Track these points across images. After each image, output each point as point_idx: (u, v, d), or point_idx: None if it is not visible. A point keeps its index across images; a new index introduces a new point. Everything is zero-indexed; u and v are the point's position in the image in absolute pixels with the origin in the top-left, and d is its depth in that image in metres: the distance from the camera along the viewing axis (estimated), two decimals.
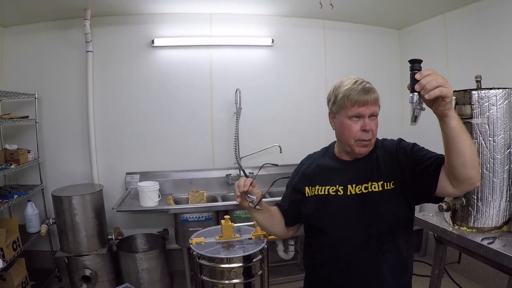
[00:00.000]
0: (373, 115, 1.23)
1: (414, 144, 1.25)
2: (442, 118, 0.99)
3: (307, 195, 1.34)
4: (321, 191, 1.30)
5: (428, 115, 1.04)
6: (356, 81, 1.23)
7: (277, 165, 1.52)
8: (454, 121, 0.99)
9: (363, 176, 1.25)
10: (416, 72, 0.96)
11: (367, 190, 1.23)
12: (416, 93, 0.96)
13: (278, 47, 3.49)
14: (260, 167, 1.42)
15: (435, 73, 0.94)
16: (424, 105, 0.97)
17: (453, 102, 1.26)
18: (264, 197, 1.33)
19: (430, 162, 1.14)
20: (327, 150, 1.42)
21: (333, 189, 1.28)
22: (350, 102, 1.21)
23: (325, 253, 1.30)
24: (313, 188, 1.33)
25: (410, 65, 0.99)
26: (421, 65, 0.98)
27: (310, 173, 1.37)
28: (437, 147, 1.21)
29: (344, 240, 1.25)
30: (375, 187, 1.22)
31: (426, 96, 0.93)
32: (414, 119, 0.98)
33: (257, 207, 1.30)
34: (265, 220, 1.40)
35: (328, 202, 1.28)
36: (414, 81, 0.96)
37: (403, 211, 1.24)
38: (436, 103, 0.96)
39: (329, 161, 1.36)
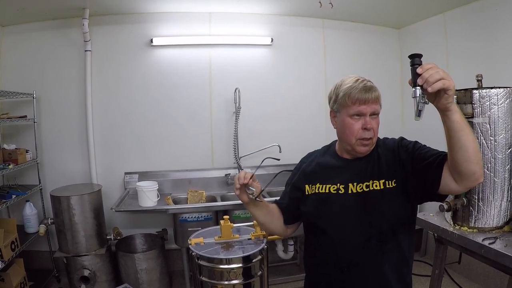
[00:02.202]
0: (374, 114, 1.22)
1: (416, 142, 1.24)
2: (444, 112, 0.98)
3: (307, 193, 1.33)
4: (321, 189, 1.29)
5: (429, 113, 1.03)
6: (357, 79, 1.23)
7: (279, 159, 1.50)
8: (457, 115, 0.98)
9: (364, 175, 1.24)
10: (417, 67, 0.95)
11: (368, 189, 1.22)
12: (418, 87, 0.95)
13: (278, 46, 3.48)
14: (262, 161, 1.41)
15: (436, 66, 0.94)
16: (427, 99, 0.97)
17: (455, 98, 1.25)
18: (263, 195, 1.32)
19: (432, 159, 1.13)
20: (328, 148, 1.41)
21: (334, 187, 1.27)
22: (351, 100, 1.20)
23: (325, 252, 1.29)
24: (314, 186, 1.32)
25: (410, 60, 0.98)
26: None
27: (311, 171, 1.36)
28: (439, 145, 1.20)
29: (344, 239, 1.24)
30: (376, 186, 1.21)
31: (429, 89, 0.92)
32: (418, 113, 0.97)
33: (257, 199, 1.29)
34: (264, 217, 1.39)
35: (329, 200, 1.27)
36: (415, 75, 0.95)
37: (405, 210, 1.24)
38: (438, 96, 0.95)
39: (330, 159, 1.35)
